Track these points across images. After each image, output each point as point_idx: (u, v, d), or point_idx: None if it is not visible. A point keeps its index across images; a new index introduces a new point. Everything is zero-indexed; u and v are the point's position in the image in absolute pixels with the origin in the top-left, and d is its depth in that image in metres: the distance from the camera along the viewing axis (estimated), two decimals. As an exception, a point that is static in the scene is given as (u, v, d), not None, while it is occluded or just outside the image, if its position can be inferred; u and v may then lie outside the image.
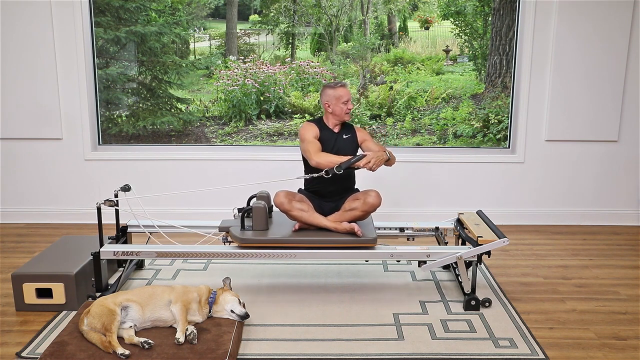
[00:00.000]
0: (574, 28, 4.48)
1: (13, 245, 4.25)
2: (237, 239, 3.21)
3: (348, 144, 3.39)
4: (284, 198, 3.22)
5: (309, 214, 3.26)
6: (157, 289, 2.87)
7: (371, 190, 3.29)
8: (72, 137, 4.70)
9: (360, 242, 3.18)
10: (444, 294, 3.40)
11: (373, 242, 3.19)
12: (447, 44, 4.91)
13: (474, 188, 4.80)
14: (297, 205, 3.24)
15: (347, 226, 3.22)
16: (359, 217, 3.29)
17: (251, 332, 2.91)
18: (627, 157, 4.74)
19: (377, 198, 3.25)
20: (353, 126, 3.49)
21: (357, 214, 3.27)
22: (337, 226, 3.24)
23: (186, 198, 4.64)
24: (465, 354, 2.74)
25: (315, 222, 3.26)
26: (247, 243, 3.18)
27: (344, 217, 3.29)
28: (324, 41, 4.88)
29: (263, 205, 3.23)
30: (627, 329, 3.02)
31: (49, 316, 3.09)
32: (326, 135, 3.38)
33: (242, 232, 3.23)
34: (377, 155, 3.20)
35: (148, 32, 4.74)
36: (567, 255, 4.14)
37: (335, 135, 3.40)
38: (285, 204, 3.22)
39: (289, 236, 3.23)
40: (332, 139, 3.38)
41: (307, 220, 3.26)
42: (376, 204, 3.25)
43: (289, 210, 3.23)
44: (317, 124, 3.42)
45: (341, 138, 3.40)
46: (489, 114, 4.84)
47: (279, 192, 3.25)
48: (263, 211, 3.23)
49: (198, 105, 4.91)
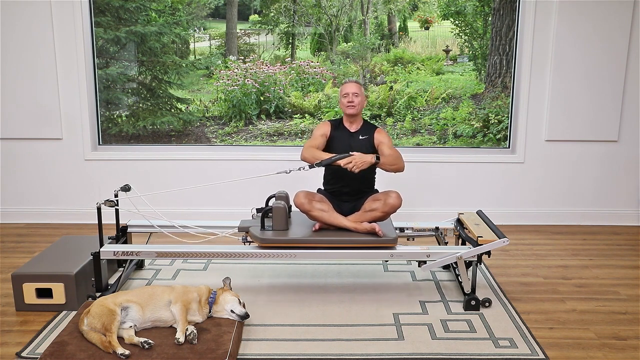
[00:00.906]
0: (574, 28, 4.48)
1: (13, 245, 4.25)
2: (258, 239, 3.20)
3: (363, 145, 3.36)
4: (304, 198, 3.23)
5: (329, 214, 3.26)
6: (157, 289, 2.87)
7: (392, 191, 3.28)
8: (72, 137, 4.70)
9: (381, 242, 3.18)
10: (444, 294, 3.40)
11: (394, 242, 3.19)
12: (447, 44, 4.91)
13: (474, 188, 4.80)
14: (318, 205, 3.25)
15: (367, 226, 3.21)
16: (379, 217, 3.28)
17: (251, 332, 2.91)
18: (627, 157, 4.74)
19: (398, 199, 3.25)
20: (375, 128, 3.45)
21: (377, 214, 3.27)
22: (357, 226, 3.24)
23: (185, 198, 4.64)
24: (465, 354, 2.74)
25: (336, 222, 3.26)
26: (267, 243, 3.18)
27: (364, 217, 3.28)
28: (324, 41, 4.88)
29: (283, 205, 3.24)
30: (627, 329, 3.02)
31: (49, 316, 3.09)
32: (340, 135, 3.39)
33: (262, 232, 3.23)
34: (362, 157, 3.17)
35: (148, 32, 4.74)
36: (567, 255, 4.14)
37: (350, 135, 3.40)
38: (305, 204, 3.23)
39: (309, 236, 3.23)
40: (346, 139, 3.38)
41: (327, 221, 3.26)
42: (397, 204, 3.25)
43: (309, 210, 3.24)
44: (334, 123, 3.44)
45: (357, 139, 3.38)
46: (489, 114, 4.84)
47: (299, 193, 3.26)
48: (283, 211, 3.23)
49: (198, 105, 4.91)
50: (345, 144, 3.36)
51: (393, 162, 3.28)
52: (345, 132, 3.41)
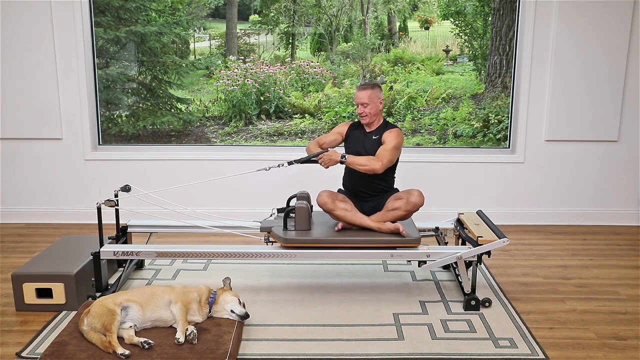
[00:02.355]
0: (574, 28, 4.48)
1: (13, 245, 4.25)
2: (280, 239, 3.20)
3: (374, 145, 3.35)
4: (327, 198, 3.23)
5: (352, 213, 3.26)
6: (157, 289, 2.87)
7: (414, 190, 3.27)
8: (72, 137, 4.70)
9: (404, 242, 3.18)
10: (444, 294, 3.40)
11: (417, 242, 3.19)
12: (447, 44, 4.91)
13: (474, 188, 4.80)
14: (341, 205, 3.25)
15: (391, 226, 3.21)
16: (402, 216, 3.28)
17: (251, 332, 2.91)
18: (627, 157, 4.74)
19: (420, 197, 3.23)
20: (390, 127, 3.39)
21: (400, 213, 3.26)
22: (380, 226, 3.23)
23: (186, 198, 4.64)
24: (465, 354, 2.74)
25: (359, 222, 3.26)
26: (291, 243, 3.18)
27: (387, 216, 3.28)
28: (324, 41, 4.88)
29: (306, 206, 3.24)
30: (627, 329, 3.02)
31: (49, 316, 3.09)
32: (356, 135, 3.42)
33: (285, 232, 3.22)
34: (329, 155, 3.23)
35: (148, 32, 4.74)
36: (567, 255, 4.14)
37: (365, 135, 3.40)
38: (329, 203, 3.23)
39: (332, 236, 3.22)
40: (360, 139, 3.40)
41: (350, 220, 3.26)
42: (419, 203, 3.23)
43: (332, 209, 3.24)
44: (355, 124, 3.47)
45: (369, 139, 3.38)
46: (489, 114, 4.84)
47: (322, 192, 3.26)
48: (306, 211, 3.23)
49: (198, 105, 4.91)
50: (358, 144, 3.38)
51: (362, 163, 3.21)
52: (361, 132, 3.42)
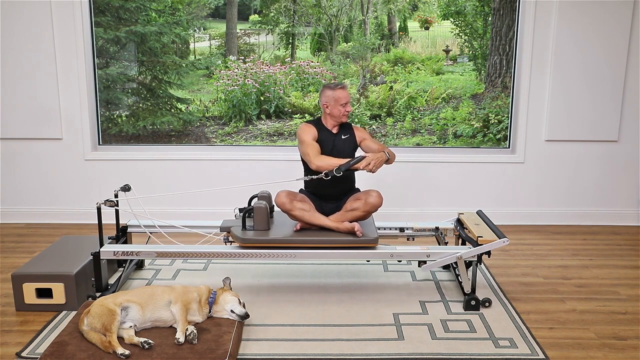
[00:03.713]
0: (574, 28, 4.48)
1: (13, 245, 4.25)
2: (239, 239, 3.20)
3: (347, 145, 3.39)
4: (285, 198, 3.22)
5: (311, 213, 3.26)
6: (157, 289, 2.87)
7: (372, 190, 3.29)
8: (72, 137, 4.70)
9: (361, 242, 3.18)
10: (444, 294, 3.40)
11: (374, 242, 3.19)
12: (447, 44, 4.91)
13: (474, 188, 4.80)
14: (299, 205, 3.24)
15: (348, 226, 3.21)
16: (361, 217, 3.29)
17: (251, 332, 2.91)
18: (627, 157, 4.75)
19: (379, 198, 3.25)
20: (352, 126, 3.48)
21: (358, 214, 3.27)
22: (338, 226, 3.24)
23: (186, 198, 4.64)
24: (465, 354, 2.74)
25: (317, 222, 3.26)
26: (248, 243, 3.18)
27: (346, 217, 3.28)
28: (324, 41, 4.88)
29: (264, 205, 3.23)
30: (627, 329, 3.02)
31: (49, 316, 3.09)
32: (324, 136, 3.38)
33: (244, 232, 3.23)
34: (377, 156, 3.21)
35: (148, 32, 4.74)
36: (567, 255, 4.14)
37: (333, 136, 3.39)
38: (286, 204, 3.22)
39: (290, 236, 3.23)
40: (330, 140, 3.38)
41: (308, 220, 3.26)
42: (377, 204, 3.25)
43: (290, 210, 3.23)
44: (316, 124, 3.41)
45: (339, 139, 3.39)
46: (489, 114, 4.84)
47: (280, 192, 3.25)
48: (264, 211, 3.23)
49: (198, 105, 4.91)
50: (329, 146, 3.36)
51: (392, 154, 3.36)
52: (328, 133, 3.40)
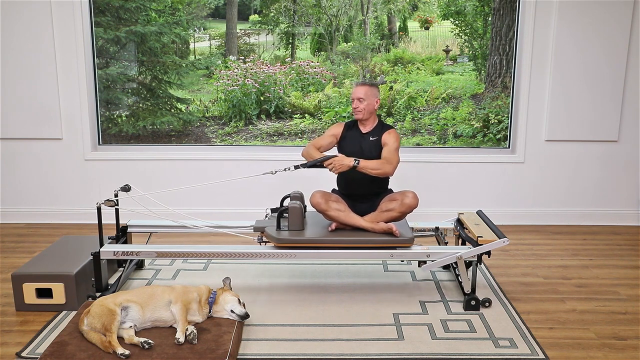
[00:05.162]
0: (574, 28, 4.48)
1: (13, 245, 4.25)
2: (274, 239, 3.19)
3: (372, 146, 3.34)
4: (320, 198, 3.22)
5: (346, 214, 3.25)
6: (157, 289, 2.87)
7: (408, 191, 3.27)
8: (72, 137, 4.70)
9: (397, 242, 3.18)
10: (444, 294, 3.40)
11: (410, 242, 3.19)
12: (447, 44, 4.91)
13: (474, 188, 4.80)
14: (334, 205, 3.24)
15: (384, 226, 3.20)
16: (396, 217, 3.28)
17: (251, 332, 2.91)
18: (627, 157, 4.74)
19: (415, 199, 3.24)
20: (388, 129, 3.38)
21: (393, 214, 3.26)
22: (374, 226, 3.23)
23: (186, 198, 4.64)
24: (465, 354, 2.74)
25: (352, 222, 3.25)
26: (284, 243, 3.17)
27: (381, 217, 3.27)
28: (324, 41, 4.88)
29: (299, 205, 3.23)
30: (627, 329, 3.02)
31: (49, 316, 3.09)
32: (352, 135, 3.38)
33: (279, 232, 3.22)
34: (341, 160, 3.18)
35: (148, 32, 4.74)
36: (567, 255, 4.14)
37: (361, 136, 3.37)
38: (322, 204, 3.22)
39: (325, 236, 3.22)
40: (357, 140, 3.37)
41: (343, 221, 3.25)
42: (413, 205, 3.24)
43: (325, 210, 3.23)
44: (348, 124, 3.44)
45: (367, 140, 3.36)
46: (489, 114, 4.84)
47: (315, 193, 3.25)
48: (299, 211, 3.23)
49: (198, 105, 4.91)
50: (355, 145, 3.35)
51: (375, 167, 3.19)
52: (357, 133, 3.39)
